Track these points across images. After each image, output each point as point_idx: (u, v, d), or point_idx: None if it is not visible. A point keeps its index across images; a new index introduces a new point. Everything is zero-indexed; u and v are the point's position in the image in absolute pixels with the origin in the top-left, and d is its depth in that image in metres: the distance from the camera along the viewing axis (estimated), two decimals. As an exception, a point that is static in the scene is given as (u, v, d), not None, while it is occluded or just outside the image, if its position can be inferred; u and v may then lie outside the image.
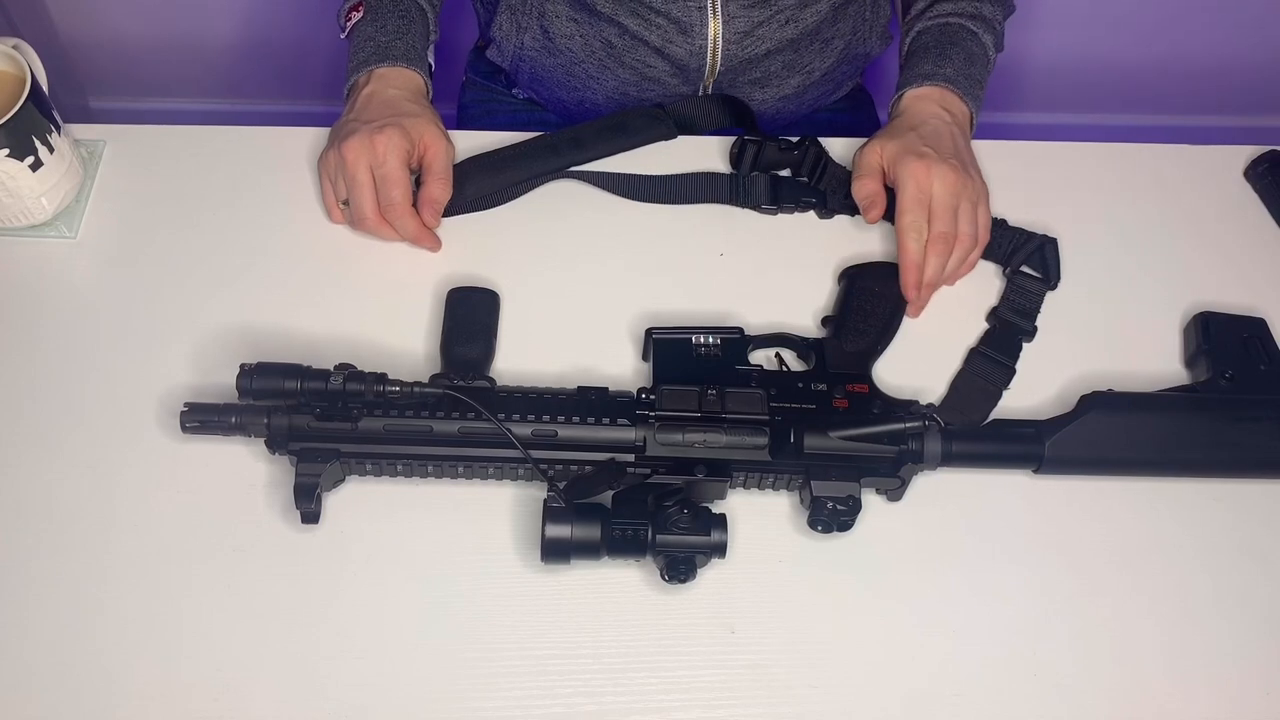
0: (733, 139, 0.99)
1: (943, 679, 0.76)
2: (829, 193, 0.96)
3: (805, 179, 0.97)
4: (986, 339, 0.90)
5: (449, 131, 0.94)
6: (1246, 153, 1.02)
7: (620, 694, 0.74)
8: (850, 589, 0.79)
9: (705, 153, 1.00)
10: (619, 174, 0.97)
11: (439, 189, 0.90)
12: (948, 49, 0.99)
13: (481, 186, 0.94)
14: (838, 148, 0.99)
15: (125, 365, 0.85)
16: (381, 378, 0.77)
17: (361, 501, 0.80)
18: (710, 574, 0.77)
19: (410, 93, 0.95)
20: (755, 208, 0.96)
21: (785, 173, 0.98)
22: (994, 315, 0.91)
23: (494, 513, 0.80)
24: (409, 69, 0.95)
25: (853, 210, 0.96)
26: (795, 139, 0.97)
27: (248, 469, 0.81)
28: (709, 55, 1.02)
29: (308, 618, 0.76)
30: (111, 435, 0.82)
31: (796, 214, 0.97)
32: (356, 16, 0.98)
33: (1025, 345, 0.89)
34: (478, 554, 0.79)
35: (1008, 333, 0.90)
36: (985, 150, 1.00)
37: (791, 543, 0.80)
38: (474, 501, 0.80)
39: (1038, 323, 0.90)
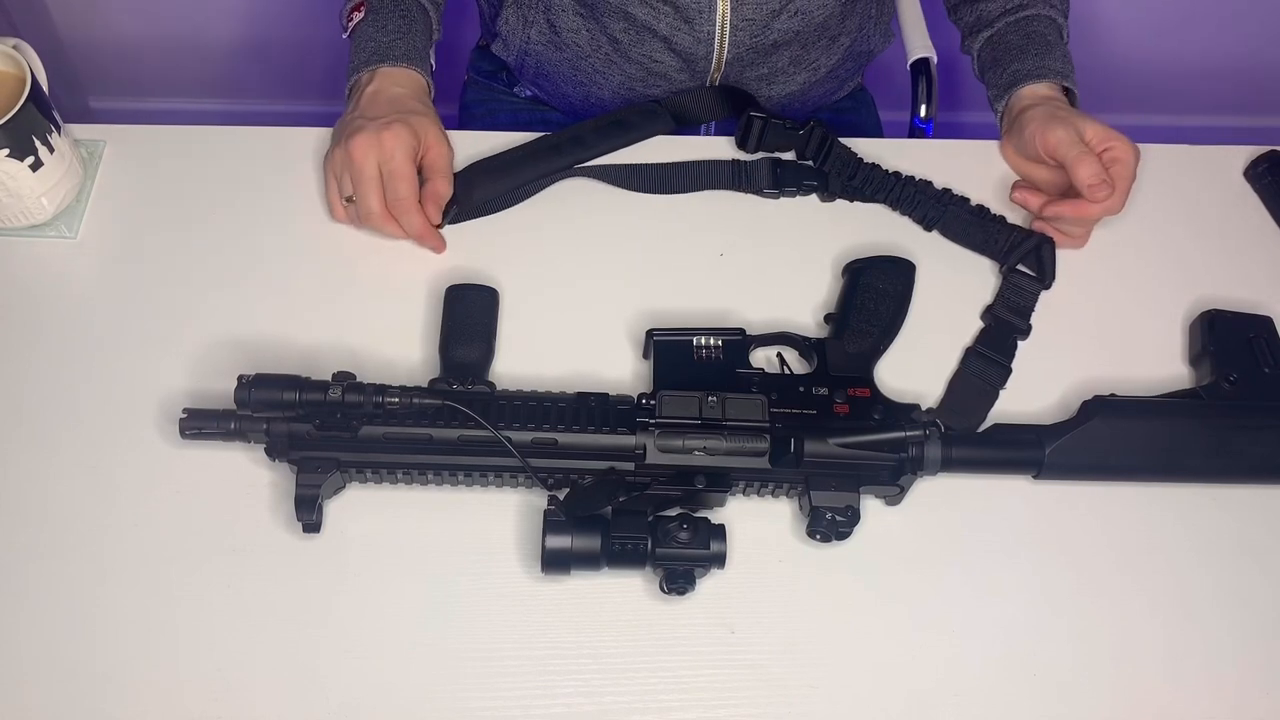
0: (732, 136, 0.99)
1: (943, 679, 0.76)
2: (832, 175, 0.97)
3: (810, 161, 0.98)
4: (982, 338, 0.90)
5: (452, 133, 0.94)
6: (1246, 153, 1.02)
7: (620, 694, 0.74)
8: (851, 589, 0.79)
9: (706, 149, 1.00)
10: (621, 165, 0.97)
11: (444, 185, 0.91)
12: (1039, 42, 1.01)
13: (487, 190, 0.94)
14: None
15: (125, 365, 0.85)
16: (381, 388, 0.76)
17: (362, 502, 0.80)
18: (711, 574, 0.77)
19: (413, 91, 0.95)
20: (758, 192, 0.97)
21: (788, 156, 0.99)
22: (989, 314, 0.91)
23: (495, 513, 0.80)
24: (411, 69, 0.96)
25: (854, 194, 0.97)
26: (801, 121, 0.97)
27: (247, 470, 0.81)
28: (716, 43, 1.03)
29: (308, 618, 0.76)
30: (111, 435, 0.82)
31: (798, 197, 0.97)
32: (358, 17, 0.98)
33: (1022, 345, 0.89)
34: (478, 554, 0.79)
35: (1003, 331, 0.90)
36: (988, 149, 1.01)
37: (792, 543, 0.80)
38: (475, 502, 0.80)
39: (1035, 323, 0.90)
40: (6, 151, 0.84)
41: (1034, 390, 0.87)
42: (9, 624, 0.75)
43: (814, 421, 0.80)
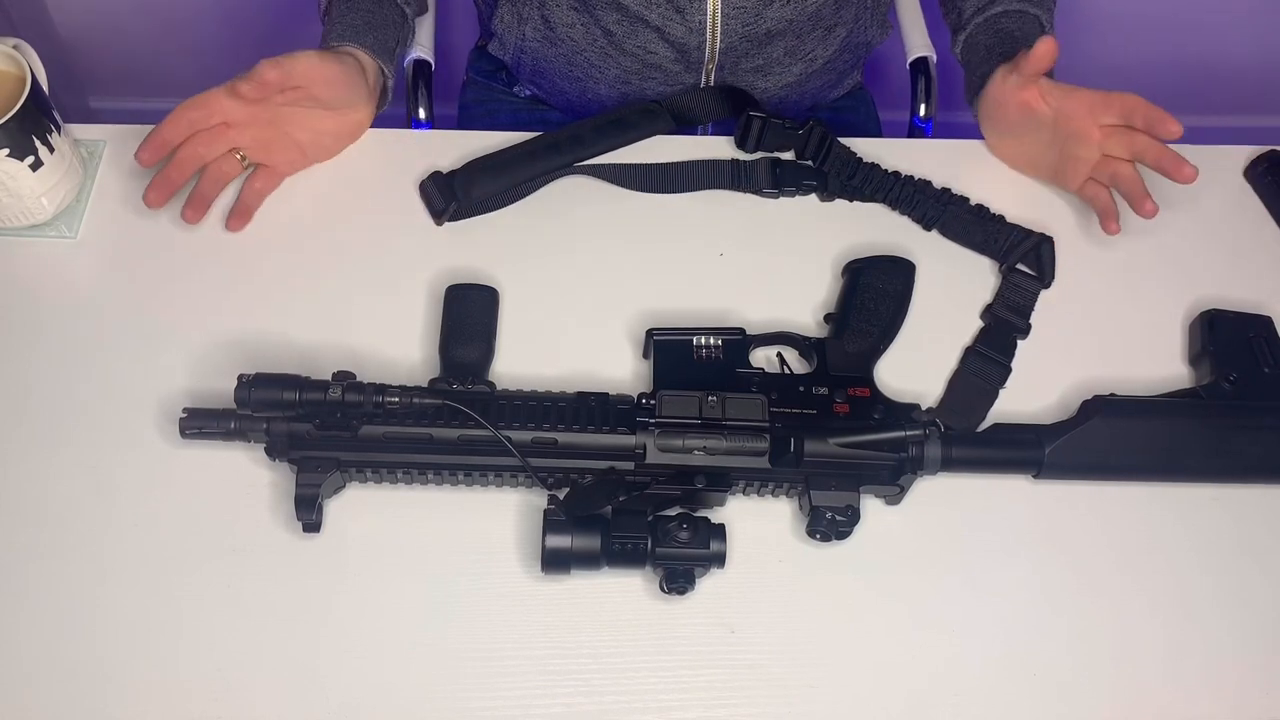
0: (732, 136, 0.99)
1: (943, 679, 0.76)
2: (831, 175, 0.97)
3: (809, 161, 0.98)
4: (982, 337, 0.90)
5: (451, 132, 0.94)
6: (1246, 153, 1.02)
7: (620, 694, 0.74)
8: (851, 589, 0.79)
9: (705, 149, 1.00)
10: (621, 164, 0.97)
11: (266, 67, 0.87)
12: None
13: (487, 188, 0.94)
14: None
15: (125, 365, 0.85)
16: (381, 388, 0.76)
17: (362, 502, 0.80)
18: (711, 574, 0.77)
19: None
20: (757, 192, 0.97)
21: (788, 156, 0.99)
22: (989, 313, 0.91)
23: (495, 513, 0.80)
24: (344, 46, 0.94)
25: (853, 194, 0.97)
26: (801, 121, 0.97)
27: (247, 470, 0.81)
28: (708, 32, 1.03)
29: (308, 618, 0.76)
30: (111, 435, 0.82)
31: (798, 197, 0.97)
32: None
33: (1022, 345, 0.89)
34: (478, 554, 0.79)
35: (1003, 330, 0.90)
36: (987, 149, 1.01)
37: (792, 543, 0.80)
38: (475, 502, 0.80)
39: (1035, 322, 0.90)
40: (6, 151, 0.84)
41: (1034, 390, 0.87)
42: (9, 624, 0.75)
43: (814, 421, 0.80)
